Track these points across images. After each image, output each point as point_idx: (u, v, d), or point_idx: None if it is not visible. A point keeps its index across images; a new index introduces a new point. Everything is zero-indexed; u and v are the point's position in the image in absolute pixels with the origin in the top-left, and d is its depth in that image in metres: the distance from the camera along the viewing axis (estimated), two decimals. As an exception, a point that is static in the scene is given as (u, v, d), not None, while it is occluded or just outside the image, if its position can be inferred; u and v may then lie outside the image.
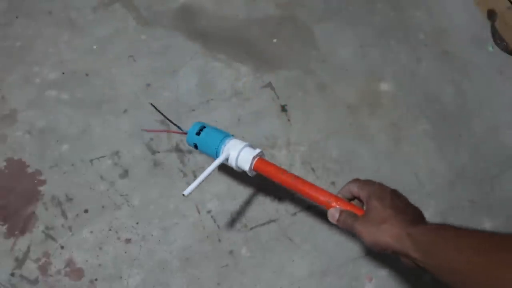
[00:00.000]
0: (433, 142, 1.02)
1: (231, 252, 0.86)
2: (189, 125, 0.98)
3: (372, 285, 0.85)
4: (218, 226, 0.89)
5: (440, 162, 1.00)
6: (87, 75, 1.04)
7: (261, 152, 0.71)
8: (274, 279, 0.84)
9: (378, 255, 0.88)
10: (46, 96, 1.00)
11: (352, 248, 0.87)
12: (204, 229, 0.88)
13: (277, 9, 1.17)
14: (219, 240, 0.87)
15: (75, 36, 1.09)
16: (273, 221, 0.89)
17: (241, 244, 0.87)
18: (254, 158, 0.68)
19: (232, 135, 0.73)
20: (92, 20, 1.11)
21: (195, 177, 0.90)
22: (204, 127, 0.73)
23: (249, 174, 0.69)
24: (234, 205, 0.91)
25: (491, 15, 1.18)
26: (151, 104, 0.82)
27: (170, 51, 1.09)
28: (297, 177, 0.67)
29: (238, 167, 0.70)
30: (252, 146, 0.71)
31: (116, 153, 0.95)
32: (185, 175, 0.93)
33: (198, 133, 0.73)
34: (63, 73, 1.04)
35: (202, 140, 0.73)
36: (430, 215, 0.93)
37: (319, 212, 0.91)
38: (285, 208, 0.90)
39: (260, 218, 0.90)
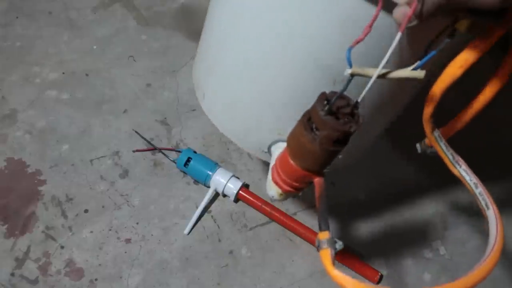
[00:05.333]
0: (433, 142, 1.02)
1: (231, 252, 0.86)
2: (189, 126, 0.99)
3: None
4: (218, 226, 0.89)
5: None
6: (87, 75, 1.04)
7: (244, 183, 0.89)
8: (274, 279, 0.84)
9: (378, 255, 0.88)
10: (46, 96, 1.00)
11: (352, 248, 0.87)
12: (204, 229, 0.88)
13: (277, 9, 1.17)
14: (219, 240, 0.87)
15: (75, 36, 1.09)
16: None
17: (241, 244, 0.87)
18: (237, 191, 0.87)
19: (217, 164, 0.89)
20: (92, 20, 1.12)
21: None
22: (191, 158, 0.89)
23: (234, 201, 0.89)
24: (234, 205, 0.91)
25: (491, 15, 1.18)
26: (136, 132, 0.97)
27: (170, 51, 1.09)
28: (275, 209, 0.86)
29: (225, 195, 0.90)
30: (236, 177, 0.89)
31: (116, 153, 0.95)
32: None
33: (185, 165, 0.89)
34: (63, 73, 1.04)
35: (190, 170, 0.89)
36: (430, 215, 0.93)
37: (319, 212, 0.91)
38: (286, 208, 0.90)
39: (260, 218, 0.90)
